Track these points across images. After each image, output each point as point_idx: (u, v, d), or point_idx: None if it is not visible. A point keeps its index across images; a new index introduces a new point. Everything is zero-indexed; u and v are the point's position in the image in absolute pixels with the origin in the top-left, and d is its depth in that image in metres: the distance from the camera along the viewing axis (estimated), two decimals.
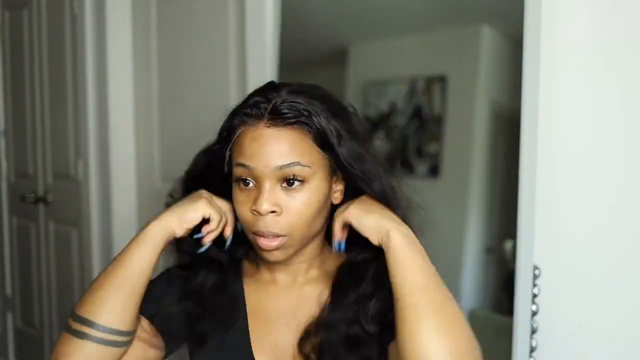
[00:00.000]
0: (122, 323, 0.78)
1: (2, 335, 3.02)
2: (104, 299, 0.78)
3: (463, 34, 1.24)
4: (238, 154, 0.81)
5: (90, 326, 0.77)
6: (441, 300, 0.73)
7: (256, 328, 0.87)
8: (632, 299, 1.09)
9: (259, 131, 0.79)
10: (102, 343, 0.77)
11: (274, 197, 0.79)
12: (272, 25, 1.56)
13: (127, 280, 0.79)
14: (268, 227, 0.79)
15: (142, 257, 0.81)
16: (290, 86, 0.83)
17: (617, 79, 1.10)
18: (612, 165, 1.10)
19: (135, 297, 0.80)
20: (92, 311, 0.77)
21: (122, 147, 2.20)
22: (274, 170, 0.78)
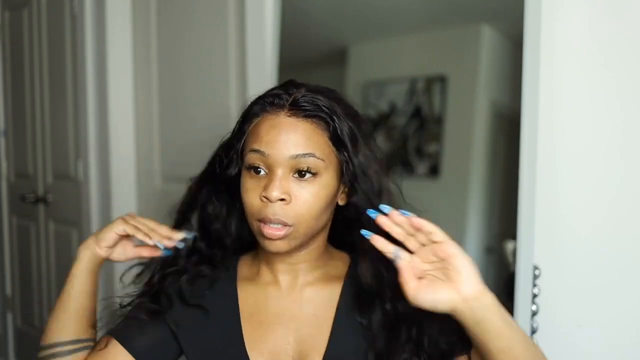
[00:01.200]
0: (79, 332, 0.88)
1: (2, 335, 3.02)
2: (56, 327, 0.88)
3: (463, 34, 1.24)
4: (253, 141, 0.81)
5: (53, 348, 0.87)
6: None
7: (251, 331, 0.86)
8: (633, 299, 1.09)
9: (279, 119, 0.80)
10: (71, 354, 0.87)
11: (285, 185, 0.79)
12: (272, 25, 1.56)
13: (71, 306, 0.88)
14: (276, 215, 0.78)
15: (78, 281, 0.89)
16: (310, 85, 0.85)
17: (617, 79, 1.10)
18: (612, 165, 1.10)
19: (87, 312, 0.90)
20: (49, 337, 0.88)
21: (122, 147, 2.20)
22: (289, 159, 0.79)
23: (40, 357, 0.88)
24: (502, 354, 0.71)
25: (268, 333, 0.86)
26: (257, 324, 0.86)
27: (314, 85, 0.86)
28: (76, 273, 0.89)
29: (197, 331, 0.88)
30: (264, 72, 1.57)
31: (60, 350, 0.87)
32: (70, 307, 0.88)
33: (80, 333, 0.88)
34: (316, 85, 0.86)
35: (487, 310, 0.70)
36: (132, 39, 2.21)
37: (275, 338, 0.85)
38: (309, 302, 0.87)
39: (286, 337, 0.85)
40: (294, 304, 0.87)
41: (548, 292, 1.14)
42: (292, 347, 0.85)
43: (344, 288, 0.88)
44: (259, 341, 0.85)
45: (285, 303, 0.87)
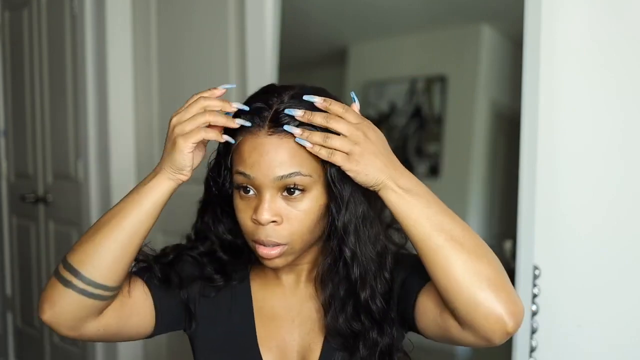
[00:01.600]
0: (108, 278, 0.76)
1: (2, 335, 3.02)
2: (93, 251, 0.76)
3: (463, 34, 1.24)
4: (239, 162, 0.79)
5: (75, 275, 0.75)
6: (460, 232, 0.73)
7: (262, 325, 0.88)
8: (633, 299, 1.09)
9: (259, 140, 0.78)
10: (84, 294, 0.75)
11: (274, 207, 0.78)
12: (272, 25, 1.56)
13: (121, 236, 0.76)
14: (268, 237, 0.78)
15: (141, 210, 0.77)
16: (293, 89, 0.81)
17: (617, 79, 1.10)
18: (612, 165, 1.10)
19: (128, 254, 0.77)
20: (80, 261, 0.76)
21: (122, 147, 2.20)
22: (274, 180, 0.77)
23: (69, 281, 0.75)
24: (422, 244, 0.73)
25: (276, 329, 0.88)
26: (267, 319, 0.89)
27: (298, 87, 0.82)
28: (146, 207, 0.76)
29: (210, 318, 0.89)
30: (264, 72, 1.57)
31: (102, 294, 0.77)
32: (128, 245, 0.77)
33: (122, 280, 0.79)
34: (301, 86, 0.82)
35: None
36: (132, 39, 2.20)
37: (283, 334, 0.88)
38: (311, 299, 0.89)
39: (292, 333, 0.88)
40: (297, 301, 0.89)
41: (548, 292, 1.14)
42: (297, 342, 0.87)
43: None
44: (268, 337, 0.88)
45: (290, 301, 0.89)
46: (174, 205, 0.94)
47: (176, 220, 0.97)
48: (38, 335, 2.72)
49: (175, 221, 0.97)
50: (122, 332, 0.83)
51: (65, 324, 0.77)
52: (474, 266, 0.71)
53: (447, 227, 0.73)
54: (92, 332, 0.79)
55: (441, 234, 0.72)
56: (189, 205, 1.01)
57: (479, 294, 0.69)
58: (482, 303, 0.69)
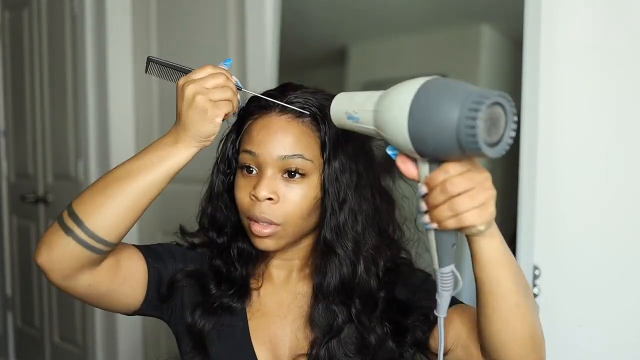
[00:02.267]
0: (110, 234, 0.76)
1: (2, 335, 3.02)
2: (102, 204, 0.75)
3: (463, 34, 1.24)
4: (246, 141, 0.83)
5: (79, 225, 0.75)
6: (528, 287, 0.71)
7: (254, 320, 0.89)
8: (632, 299, 1.09)
9: (269, 119, 0.82)
10: (82, 245, 0.75)
11: (273, 185, 0.80)
12: (272, 25, 1.56)
13: (131, 193, 0.75)
14: (263, 213, 0.80)
15: (159, 171, 0.76)
16: (308, 88, 0.85)
17: (617, 79, 1.10)
18: (612, 165, 1.10)
19: (136, 213, 0.77)
20: (85, 211, 0.75)
21: (122, 147, 2.20)
22: (277, 159, 0.80)
23: (71, 229, 0.75)
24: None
25: (269, 324, 0.89)
26: (259, 315, 0.89)
27: (314, 87, 0.86)
28: (165, 169, 0.75)
29: (206, 307, 0.88)
30: (264, 72, 1.58)
31: (101, 248, 0.76)
32: (137, 203, 0.76)
33: (123, 237, 0.78)
34: (316, 87, 0.86)
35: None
36: (132, 39, 2.21)
37: (275, 329, 0.89)
38: (302, 296, 0.89)
39: (283, 328, 0.89)
40: (289, 297, 0.90)
41: (548, 292, 1.14)
42: (289, 337, 0.88)
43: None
44: (260, 332, 0.88)
45: (281, 297, 0.90)
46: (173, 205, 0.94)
47: (175, 220, 0.97)
48: (38, 335, 2.72)
49: (175, 221, 0.97)
50: (109, 295, 0.82)
51: (59, 271, 0.76)
52: (535, 328, 0.69)
53: (523, 282, 0.69)
54: (82, 285, 0.78)
55: (521, 291, 0.67)
56: (189, 205, 1.01)
57: (529, 355, 0.69)
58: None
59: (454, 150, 0.56)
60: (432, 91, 0.59)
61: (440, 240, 0.64)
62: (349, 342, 0.83)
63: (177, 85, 0.77)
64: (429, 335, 0.83)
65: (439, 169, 0.60)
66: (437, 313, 0.68)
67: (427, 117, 0.57)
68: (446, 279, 0.66)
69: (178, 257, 0.90)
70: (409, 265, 0.92)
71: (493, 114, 0.56)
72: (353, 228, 0.84)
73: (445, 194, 0.59)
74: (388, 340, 0.85)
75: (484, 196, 0.60)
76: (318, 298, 0.86)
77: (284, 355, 0.87)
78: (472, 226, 0.60)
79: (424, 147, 0.59)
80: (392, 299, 0.87)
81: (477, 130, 0.54)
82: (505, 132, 0.57)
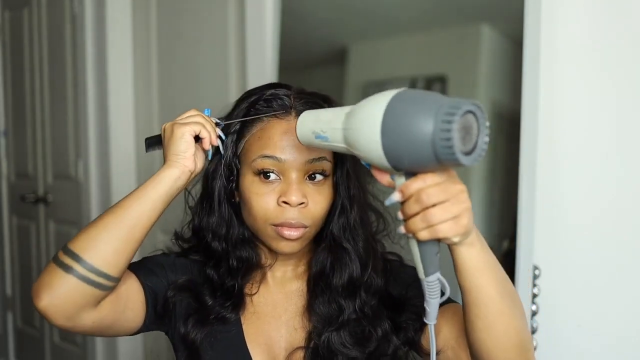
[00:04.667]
0: (110, 266, 0.75)
1: (2, 335, 3.02)
2: (97, 238, 0.75)
3: (463, 34, 1.24)
4: (264, 147, 0.81)
5: (77, 261, 0.74)
6: (514, 292, 0.70)
7: (249, 324, 0.88)
8: (633, 299, 1.09)
9: (290, 124, 0.81)
10: (84, 281, 0.74)
11: (303, 189, 0.80)
12: (272, 25, 1.56)
13: (125, 224, 0.76)
14: (297, 218, 0.80)
15: (147, 199, 0.77)
16: (299, 89, 0.86)
17: (617, 79, 1.10)
18: (612, 165, 1.10)
19: (131, 244, 0.76)
20: (82, 247, 0.74)
21: (122, 147, 2.20)
22: (305, 163, 0.80)
23: (70, 266, 0.74)
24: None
25: (263, 326, 0.88)
26: (255, 319, 0.89)
27: (299, 88, 0.87)
28: (153, 194, 0.77)
29: (199, 317, 0.88)
30: (264, 72, 1.57)
31: (102, 283, 0.75)
32: (131, 234, 0.76)
33: (124, 271, 0.78)
34: (301, 88, 0.87)
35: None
36: (132, 39, 2.21)
37: (270, 330, 0.88)
38: (297, 295, 0.90)
39: (279, 329, 0.88)
40: (284, 298, 0.90)
41: (548, 292, 1.14)
42: (284, 338, 0.88)
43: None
44: (255, 335, 0.88)
45: (276, 297, 0.90)
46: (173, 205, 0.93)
47: (176, 220, 0.97)
48: (38, 335, 2.72)
49: (175, 221, 0.97)
50: (115, 326, 0.82)
51: (63, 312, 0.74)
52: (523, 335, 0.69)
53: (508, 288, 0.68)
54: (87, 323, 0.77)
55: (505, 299, 0.67)
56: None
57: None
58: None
59: (430, 162, 0.56)
60: (402, 105, 0.58)
61: (423, 250, 0.64)
62: (347, 334, 0.84)
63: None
64: (420, 334, 0.83)
65: (415, 177, 0.60)
66: (427, 320, 0.68)
67: (401, 132, 0.57)
68: (433, 288, 0.65)
69: (168, 267, 0.89)
70: (400, 261, 0.93)
71: (466, 123, 0.56)
72: (362, 225, 0.86)
73: (420, 205, 0.59)
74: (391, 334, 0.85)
75: (458, 208, 0.60)
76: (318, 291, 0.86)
77: (279, 355, 0.87)
78: (445, 238, 0.60)
79: (399, 161, 0.58)
80: (386, 297, 0.87)
81: (453, 141, 0.54)
82: (479, 140, 0.58)
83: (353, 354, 0.83)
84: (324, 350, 0.83)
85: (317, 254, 0.89)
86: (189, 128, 0.79)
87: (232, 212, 0.87)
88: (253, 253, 0.88)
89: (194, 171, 0.81)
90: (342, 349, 0.83)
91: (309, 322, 0.87)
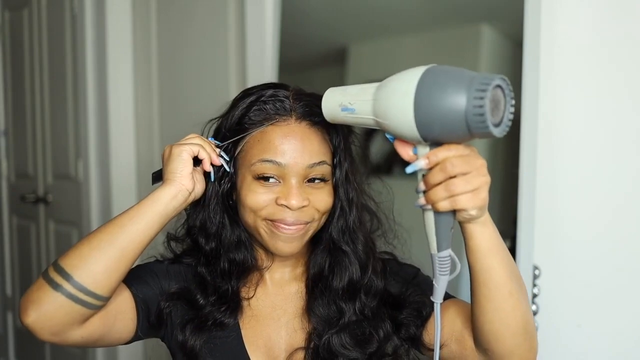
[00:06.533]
0: (100, 286, 0.74)
1: (2, 335, 3.02)
2: (88, 256, 0.73)
3: (463, 34, 1.24)
4: (265, 151, 0.80)
5: (66, 279, 0.72)
6: (520, 277, 0.71)
7: (248, 328, 0.88)
8: (633, 299, 1.09)
9: (291, 127, 0.80)
10: (73, 300, 0.72)
11: (303, 192, 0.80)
12: (272, 25, 1.56)
13: (117, 242, 0.74)
14: (298, 218, 0.80)
15: (142, 218, 0.76)
16: (299, 89, 0.85)
17: (617, 79, 1.10)
18: (612, 165, 1.10)
19: (123, 263, 0.75)
20: (72, 265, 0.73)
21: (122, 147, 2.20)
22: (306, 167, 0.80)
23: (59, 284, 0.73)
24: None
25: (262, 329, 0.88)
26: (254, 322, 0.88)
27: (298, 88, 0.86)
28: (147, 213, 0.76)
29: (197, 324, 0.87)
30: (264, 72, 1.57)
31: (91, 302, 0.74)
32: (123, 254, 0.75)
33: (113, 291, 0.76)
34: (299, 88, 0.86)
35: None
36: (132, 39, 2.20)
37: (269, 332, 0.88)
38: (296, 297, 0.90)
39: (278, 331, 0.88)
40: (283, 300, 0.90)
41: (548, 292, 1.14)
42: (284, 340, 0.88)
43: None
44: (254, 338, 0.87)
45: (275, 299, 0.90)
46: None
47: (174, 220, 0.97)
48: None
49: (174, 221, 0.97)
50: (104, 339, 0.81)
51: (49, 329, 0.74)
52: (528, 317, 0.70)
53: (515, 271, 0.69)
54: (75, 339, 0.77)
55: (513, 281, 0.68)
56: None
57: (522, 344, 0.70)
58: (521, 352, 0.71)
59: (461, 132, 0.59)
60: (435, 77, 0.60)
61: (439, 223, 0.65)
62: (348, 336, 0.84)
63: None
64: (422, 330, 0.83)
65: (441, 147, 0.62)
66: (434, 299, 0.69)
67: (434, 104, 0.58)
68: (444, 263, 0.67)
69: (160, 274, 0.88)
70: (396, 260, 0.93)
71: (496, 96, 0.59)
72: (361, 227, 0.86)
73: (444, 173, 0.61)
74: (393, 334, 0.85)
75: (478, 181, 0.61)
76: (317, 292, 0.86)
77: (279, 357, 0.87)
78: (464, 209, 0.62)
79: (429, 131, 0.60)
80: (385, 296, 0.87)
81: (486, 114, 0.56)
82: (505, 111, 0.60)
83: (354, 355, 0.83)
84: (324, 351, 0.83)
85: (315, 255, 0.89)
86: (187, 147, 0.79)
87: (225, 212, 0.87)
88: (249, 255, 0.87)
89: (193, 192, 0.80)
90: (343, 351, 0.83)
91: (309, 323, 0.87)
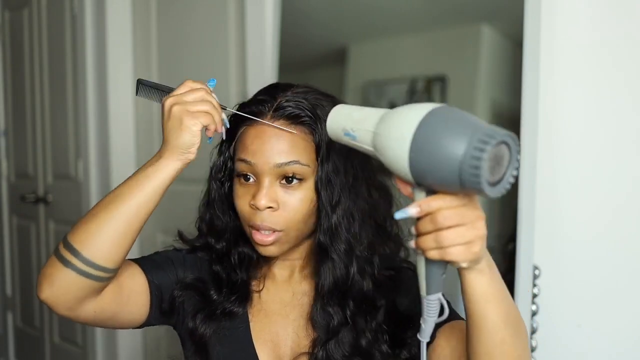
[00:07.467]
0: (108, 260, 0.76)
1: (2, 335, 3.03)
2: (94, 232, 0.75)
3: (463, 34, 1.24)
4: (241, 150, 0.83)
5: (75, 255, 0.75)
6: (518, 320, 0.68)
7: (256, 321, 0.89)
8: (633, 299, 1.09)
9: (262, 128, 0.81)
10: (83, 275, 0.75)
11: (272, 193, 0.80)
12: (272, 25, 1.56)
13: (124, 216, 0.76)
14: (264, 222, 0.81)
15: (145, 191, 0.76)
16: (298, 87, 0.85)
17: (617, 79, 1.10)
18: (612, 165, 1.10)
19: (130, 236, 0.77)
20: (80, 241, 0.75)
21: (122, 147, 2.20)
22: (274, 167, 0.80)
23: (69, 260, 0.75)
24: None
25: (271, 324, 0.89)
26: (262, 316, 0.90)
27: (304, 86, 0.85)
28: (150, 184, 0.76)
29: (207, 313, 0.88)
30: (264, 72, 1.57)
31: (101, 275, 0.76)
32: (129, 226, 0.76)
33: (122, 262, 0.78)
34: (306, 85, 0.86)
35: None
36: (132, 39, 2.21)
37: (277, 328, 0.89)
38: (304, 294, 0.90)
39: (285, 328, 0.89)
40: (291, 297, 0.90)
41: (548, 292, 1.14)
42: (290, 337, 0.88)
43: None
44: (262, 332, 0.89)
45: (283, 296, 0.91)
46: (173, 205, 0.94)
47: (176, 220, 0.97)
48: (38, 335, 2.72)
49: (175, 221, 0.97)
50: (116, 317, 0.83)
51: (64, 304, 0.77)
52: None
53: (513, 316, 0.66)
54: (88, 313, 0.79)
55: (508, 328, 0.65)
56: (188, 205, 1.01)
57: None
58: None
59: (453, 185, 0.55)
60: (437, 121, 0.56)
61: (430, 269, 0.63)
62: (346, 343, 0.83)
63: (162, 105, 0.78)
64: None
65: (435, 196, 0.59)
66: (420, 337, 0.68)
67: (430, 150, 0.55)
68: (432, 306, 0.65)
69: (177, 263, 0.91)
70: (413, 271, 0.90)
71: (498, 153, 0.55)
72: (347, 229, 0.83)
73: (434, 225, 0.58)
74: (380, 346, 0.84)
75: (472, 235, 0.58)
76: (317, 298, 0.87)
77: (285, 355, 0.88)
78: (454, 262, 0.59)
79: (422, 178, 0.57)
80: (392, 310, 0.86)
81: (482, 170, 0.53)
82: (507, 171, 0.56)
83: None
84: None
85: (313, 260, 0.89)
86: (200, 120, 0.76)
87: (230, 209, 0.88)
88: (253, 249, 0.89)
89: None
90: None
91: (314, 328, 0.87)
